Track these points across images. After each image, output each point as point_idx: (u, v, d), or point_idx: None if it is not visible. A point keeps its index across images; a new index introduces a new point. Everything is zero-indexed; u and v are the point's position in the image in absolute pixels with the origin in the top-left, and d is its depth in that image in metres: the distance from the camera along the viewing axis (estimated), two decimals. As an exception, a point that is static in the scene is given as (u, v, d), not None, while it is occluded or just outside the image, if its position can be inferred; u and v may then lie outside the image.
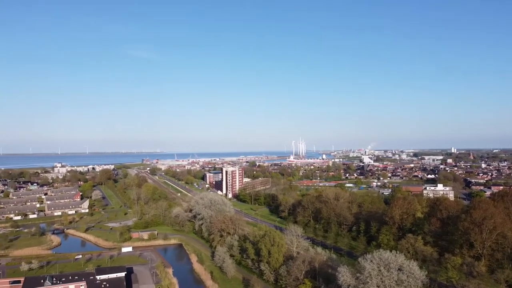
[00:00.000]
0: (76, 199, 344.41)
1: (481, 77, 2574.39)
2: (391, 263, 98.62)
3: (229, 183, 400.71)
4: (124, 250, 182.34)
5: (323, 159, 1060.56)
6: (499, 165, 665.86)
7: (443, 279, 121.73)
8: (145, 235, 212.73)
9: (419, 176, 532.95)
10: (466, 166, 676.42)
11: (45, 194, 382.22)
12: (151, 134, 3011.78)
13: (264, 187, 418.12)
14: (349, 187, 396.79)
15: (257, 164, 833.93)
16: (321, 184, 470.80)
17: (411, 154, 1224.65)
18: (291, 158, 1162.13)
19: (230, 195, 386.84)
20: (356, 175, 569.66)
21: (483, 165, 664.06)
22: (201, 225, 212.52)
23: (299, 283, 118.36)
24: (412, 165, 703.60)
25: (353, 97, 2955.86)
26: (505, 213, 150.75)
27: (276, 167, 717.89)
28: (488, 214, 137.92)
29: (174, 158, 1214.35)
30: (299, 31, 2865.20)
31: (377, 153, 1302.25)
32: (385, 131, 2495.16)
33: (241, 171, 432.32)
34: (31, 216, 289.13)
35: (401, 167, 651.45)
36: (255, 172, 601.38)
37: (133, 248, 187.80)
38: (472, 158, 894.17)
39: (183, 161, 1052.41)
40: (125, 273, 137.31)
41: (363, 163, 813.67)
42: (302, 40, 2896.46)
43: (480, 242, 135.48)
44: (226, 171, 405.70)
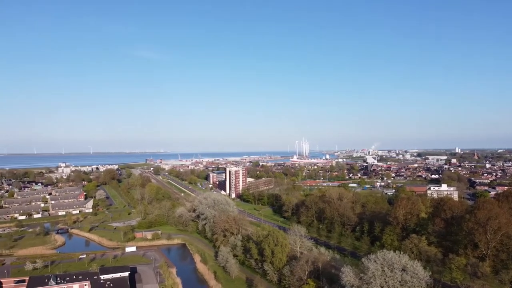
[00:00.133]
0: (80, 199, 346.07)
1: (485, 77, 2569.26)
2: (394, 264, 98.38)
3: (232, 183, 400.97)
4: (127, 249, 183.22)
5: (327, 159, 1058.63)
6: (503, 165, 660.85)
7: (447, 279, 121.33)
8: (149, 235, 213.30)
9: (423, 176, 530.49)
10: (470, 166, 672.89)
11: (50, 194, 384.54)
12: (151, 134, 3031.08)
13: (267, 187, 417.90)
14: (353, 187, 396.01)
15: (261, 164, 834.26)
16: (325, 184, 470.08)
17: (415, 154, 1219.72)
18: (295, 158, 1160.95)
19: (233, 195, 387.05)
20: (359, 175, 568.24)
21: (488, 165, 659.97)
22: (205, 225, 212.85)
23: (302, 283, 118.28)
24: (416, 165, 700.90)
25: (354, 97, 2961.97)
26: (510, 214, 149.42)
27: (279, 167, 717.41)
28: (492, 214, 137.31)
29: (177, 158, 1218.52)
30: (299, 31, 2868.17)
31: (380, 153, 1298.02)
32: (389, 131, 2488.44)
33: (244, 171, 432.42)
34: (36, 215, 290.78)
35: (405, 167, 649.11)
36: (258, 172, 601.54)
37: (136, 248, 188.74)
38: (476, 158, 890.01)
39: (186, 161, 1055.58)
40: (129, 272, 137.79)
41: (367, 163, 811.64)
42: (302, 40, 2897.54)
43: (484, 242, 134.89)
44: (229, 171, 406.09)
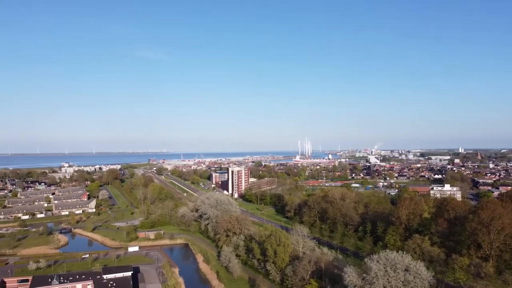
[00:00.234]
0: (83, 199, 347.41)
1: (485, 77, 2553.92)
2: (397, 264, 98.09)
3: (235, 183, 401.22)
4: (130, 249, 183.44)
5: (329, 159, 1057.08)
6: (507, 165, 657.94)
7: (450, 280, 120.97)
8: (152, 235, 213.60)
9: (426, 176, 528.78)
10: (473, 166, 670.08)
11: (53, 193, 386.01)
12: (151, 134, 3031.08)
13: (270, 187, 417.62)
14: (355, 187, 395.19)
15: (263, 164, 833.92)
16: (327, 184, 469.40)
17: (418, 154, 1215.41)
18: (297, 158, 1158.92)
19: (236, 195, 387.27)
20: (362, 175, 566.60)
21: (491, 165, 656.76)
22: (207, 225, 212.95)
23: (305, 283, 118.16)
24: (419, 165, 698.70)
25: (354, 97, 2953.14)
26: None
27: (282, 167, 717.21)
28: (496, 214, 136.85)
29: (180, 158, 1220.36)
30: (299, 31, 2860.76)
31: (383, 153, 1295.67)
32: (392, 131, 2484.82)
33: (247, 171, 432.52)
34: (39, 215, 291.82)
35: (407, 167, 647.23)
36: (261, 172, 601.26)
37: (139, 247, 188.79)
38: (479, 158, 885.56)
39: (189, 161, 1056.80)
40: (132, 272, 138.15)
41: (370, 163, 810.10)
42: (302, 40, 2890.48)
43: (488, 243, 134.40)
44: (232, 171, 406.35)
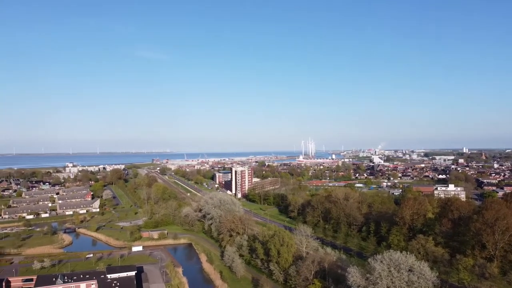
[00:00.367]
0: (87, 199, 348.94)
1: (485, 77, 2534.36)
2: (401, 264, 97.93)
3: (238, 183, 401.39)
4: (134, 249, 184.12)
5: (333, 159, 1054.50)
6: (511, 165, 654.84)
7: (455, 280, 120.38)
8: (155, 235, 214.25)
9: (430, 176, 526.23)
10: (478, 166, 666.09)
11: (57, 193, 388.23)
12: (152, 134, 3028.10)
13: (273, 187, 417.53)
14: (359, 187, 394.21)
15: (266, 164, 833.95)
16: (331, 184, 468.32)
17: (422, 154, 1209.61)
18: (301, 158, 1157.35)
19: (239, 195, 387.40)
20: (366, 175, 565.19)
21: (496, 165, 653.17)
22: (211, 224, 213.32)
23: (308, 283, 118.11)
24: (422, 165, 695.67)
25: (354, 97, 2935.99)
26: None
27: (285, 167, 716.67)
28: (500, 215, 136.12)
29: (183, 158, 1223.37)
30: (299, 31, 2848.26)
31: (387, 153, 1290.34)
32: (393, 131, 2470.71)
33: (250, 171, 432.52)
34: (43, 215, 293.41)
35: (411, 167, 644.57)
36: (264, 172, 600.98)
37: (143, 247, 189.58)
38: (484, 158, 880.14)
39: (192, 161, 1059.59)
40: (136, 272, 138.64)
41: (373, 163, 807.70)
42: (302, 40, 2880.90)
43: (492, 243, 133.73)
44: (235, 171, 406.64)
